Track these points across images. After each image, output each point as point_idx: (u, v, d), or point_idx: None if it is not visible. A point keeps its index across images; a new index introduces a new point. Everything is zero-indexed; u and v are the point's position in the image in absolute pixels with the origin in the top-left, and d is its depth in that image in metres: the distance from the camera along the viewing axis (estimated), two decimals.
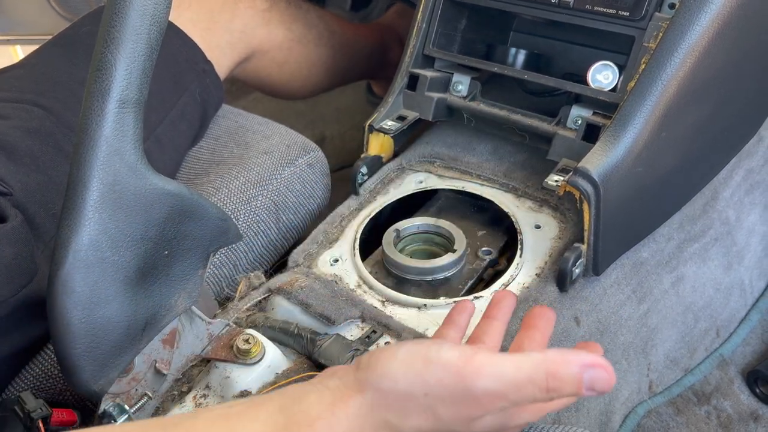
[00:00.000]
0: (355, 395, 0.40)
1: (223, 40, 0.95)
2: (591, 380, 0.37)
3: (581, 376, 0.37)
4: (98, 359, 0.50)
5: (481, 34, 0.86)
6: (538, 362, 0.37)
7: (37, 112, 0.74)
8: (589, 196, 0.64)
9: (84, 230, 0.47)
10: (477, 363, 0.38)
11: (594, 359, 0.37)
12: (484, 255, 0.72)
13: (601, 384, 0.37)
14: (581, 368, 0.37)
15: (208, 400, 0.57)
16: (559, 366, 0.37)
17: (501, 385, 0.38)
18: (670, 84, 0.64)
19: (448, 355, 0.39)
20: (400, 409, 0.39)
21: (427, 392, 0.39)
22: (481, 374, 0.38)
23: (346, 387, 0.41)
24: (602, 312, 0.72)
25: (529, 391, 0.37)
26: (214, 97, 0.92)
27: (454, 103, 0.81)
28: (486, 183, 0.79)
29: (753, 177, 0.92)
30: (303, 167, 0.89)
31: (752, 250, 0.92)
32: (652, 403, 0.82)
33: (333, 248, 0.74)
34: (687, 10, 0.63)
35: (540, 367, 0.37)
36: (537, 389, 0.37)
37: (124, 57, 0.46)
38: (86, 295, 0.48)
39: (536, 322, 0.51)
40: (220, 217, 0.57)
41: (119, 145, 0.48)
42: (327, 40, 1.12)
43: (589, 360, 0.37)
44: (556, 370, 0.37)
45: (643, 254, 0.78)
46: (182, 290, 0.56)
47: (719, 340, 0.91)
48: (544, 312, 0.52)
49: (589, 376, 0.36)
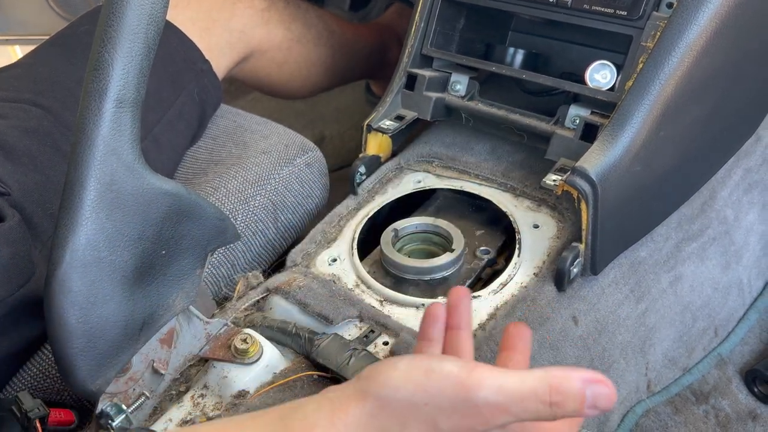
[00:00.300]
0: (355, 404, 0.40)
1: (222, 39, 0.95)
2: (593, 396, 0.37)
3: (584, 391, 0.37)
4: (95, 359, 0.50)
5: (480, 34, 0.86)
6: (541, 376, 0.37)
7: (35, 111, 0.74)
8: (587, 195, 0.64)
9: (81, 230, 0.47)
10: (479, 374, 0.38)
11: (596, 375, 0.37)
12: (482, 254, 0.72)
13: (604, 401, 0.37)
14: (583, 383, 0.37)
15: (206, 399, 0.57)
16: (562, 380, 0.37)
17: (503, 397, 0.37)
18: (668, 83, 0.64)
19: (450, 367, 0.39)
20: (400, 419, 0.39)
21: (428, 402, 0.38)
22: (483, 385, 0.37)
23: (346, 396, 0.40)
24: (600, 311, 0.72)
25: (532, 405, 0.37)
26: (213, 97, 0.92)
27: (452, 103, 0.81)
28: (484, 182, 0.79)
29: (751, 176, 0.92)
30: (301, 167, 0.89)
31: (750, 249, 0.92)
32: (650, 402, 0.82)
33: (331, 248, 0.74)
34: (685, 9, 0.63)
35: (543, 380, 0.37)
36: (540, 403, 0.37)
37: (121, 56, 0.46)
38: (83, 294, 0.48)
39: (514, 344, 0.50)
40: (218, 217, 0.57)
41: (116, 145, 0.48)
42: (326, 40, 1.12)
43: (591, 376, 0.37)
44: (560, 384, 0.37)
45: (641, 253, 0.78)
46: (180, 290, 0.56)
47: (717, 340, 0.91)
48: (519, 331, 0.51)
49: (592, 391, 0.37)
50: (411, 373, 0.39)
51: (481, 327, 0.63)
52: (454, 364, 0.39)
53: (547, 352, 0.65)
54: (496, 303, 0.65)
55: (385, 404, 0.39)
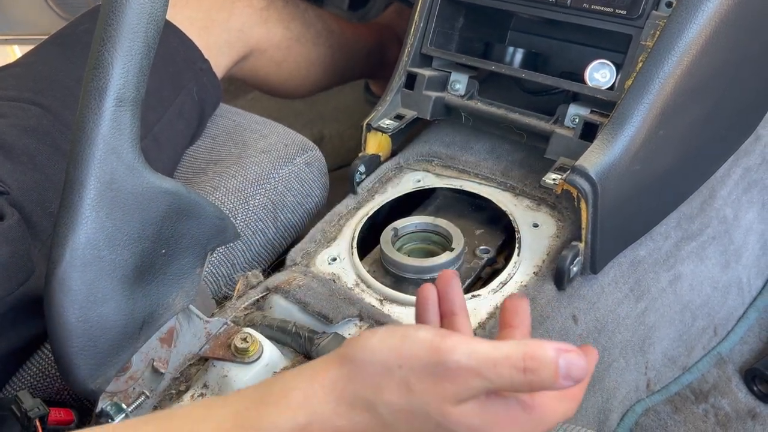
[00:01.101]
0: (333, 367, 0.41)
1: (221, 38, 0.95)
2: (567, 365, 0.37)
3: (557, 360, 0.37)
4: (95, 358, 0.50)
5: (479, 33, 0.86)
6: (516, 343, 0.38)
7: (34, 110, 0.74)
8: (587, 194, 0.64)
9: (81, 229, 0.47)
10: (453, 340, 0.39)
11: (569, 346, 0.38)
12: (482, 254, 0.72)
13: (577, 370, 0.37)
14: (557, 352, 0.37)
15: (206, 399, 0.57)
16: (536, 348, 0.37)
17: (475, 361, 0.38)
18: (667, 82, 0.64)
19: (424, 332, 0.40)
20: (375, 380, 0.40)
21: (402, 365, 0.39)
22: (456, 350, 0.38)
23: (325, 361, 0.42)
24: (600, 310, 0.72)
25: (506, 371, 0.37)
26: (212, 96, 0.92)
27: (451, 102, 0.81)
28: (484, 182, 0.79)
29: (750, 175, 0.92)
30: (301, 166, 0.89)
31: (750, 248, 0.92)
32: (649, 401, 0.82)
33: (331, 247, 0.74)
34: (684, 8, 0.63)
35: (517, 347, 0.38)
36: (513, 369, 0.37)
37: (121, 55, 0.46)
38: (83, 293, 0.48)
39: (511, 320, 0.50)
40: (217, 216, 0.57)
41: (116, 144, 0.48)
42: (325, 39, 1.12)
43: (565, 346, 0.37)
44: (534, 351, 0.37)
45: (640, 252, 0.78)
46: (180, 289, 0.56)
47: (717, 339, 0.91)
48: (515, 306, 0.50)
49: (565, 360, 0.37)
50: (387, 339, 0.40)
51: (481, 326, 0.63)
52: (428, 331, 0.40)
53: None
54: (495, 302, 0.65)
55: (362, 367, 0.40)
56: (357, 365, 0.40)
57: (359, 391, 0.40)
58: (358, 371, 0.40)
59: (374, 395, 0.40)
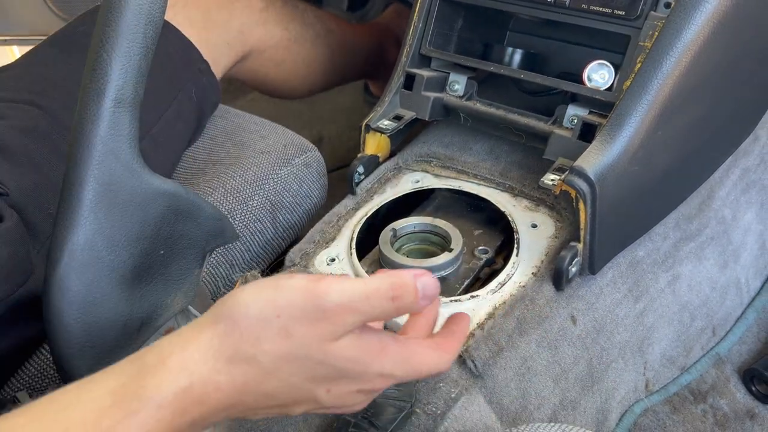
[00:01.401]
0: (208, 327, 0.41)
1: (220, 39, 0.95)
2: (423, 287, 0.42)
3: (415, 283, 0.42)
4: (94, 359, 0.50)
5: (478, 34, 0.86)
6: (382, 276, 0.42)
7: (33, 111, 0.74)
8: (585, 195, 0.64)
9: (80, 230, 0.47)
10: (326, 283, 0.41)
11: (423, 271, 0.43)
12: (480, 254, 0.72)
13: (430, 288, 0.42)
14: (414, 277, 0.42)
15: None
16: (398, 276, 0.42)
17: (348, 297, 0.41)
18: (665, 83, 0.64)
19: (297, 279, 0.42)
20: (254, 334, 0.40)
21: (279, 314, 0.40)
22: (330, 290, 0.41)
23: (198, 324, 0.42)
24: (598, 311, 0.72)
25: (377, 302, 0.41)
26: (211, 97, 0.92)
27: (450, 103, 0.81)
28: (482, 182, 0.79)
29: (749, 176, 0.92)
30: (300, 167, 0.89)
31: (748, 248, 0.92)
32: (648, 401, 0.82)
33: (330, 248, 0.74)
34: (683, 9, 0.63)
35: (384, 279, 0.41)
36: (384, 299, 0.41)
37: (119, 56, 0.46)
38: (82, 294, 0.48)
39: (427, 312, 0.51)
40: (216, 217, 0.57)
41: (115, 145, 0.48)
42: (324, 40, 1.12)
43: (418, 272, 0.42)
44: (398, 280, 0.41)
45: (639, 253, 0.78)
46: (178, 290, 0.56)
47: (715, 339, 0.91)
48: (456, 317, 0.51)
49: (421, 282, 0.42)
50: (261, 293, 0.41)
51: (480, 327, 0.63)
52: (301, 277, 0.42)
53: (545, 352, 0.65)
54: (494, 302, 0.65)
55: (237, 323, 0.41)
56: (232, 321, 0.41)
57: (237, 346, 0.41)
58: (234, 327, 0.41)
59: (253, 347, 0.40)
